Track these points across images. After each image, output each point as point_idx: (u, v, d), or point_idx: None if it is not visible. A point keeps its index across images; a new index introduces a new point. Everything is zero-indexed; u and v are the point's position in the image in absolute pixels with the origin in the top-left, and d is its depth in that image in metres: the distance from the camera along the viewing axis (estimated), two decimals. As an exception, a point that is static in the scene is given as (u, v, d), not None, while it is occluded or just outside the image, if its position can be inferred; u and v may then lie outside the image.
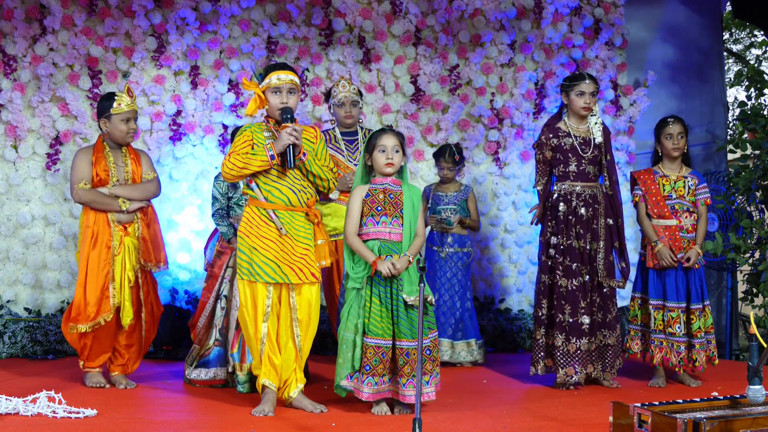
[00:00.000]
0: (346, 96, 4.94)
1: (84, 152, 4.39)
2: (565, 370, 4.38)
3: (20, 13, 5.66)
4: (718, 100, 6.68)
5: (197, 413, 3.86)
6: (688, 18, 6.68)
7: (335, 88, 5.00)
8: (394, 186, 3.86)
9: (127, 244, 4.32)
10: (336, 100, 4.96)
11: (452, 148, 5.45)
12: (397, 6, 6.22)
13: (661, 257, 4.52)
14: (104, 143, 4.41)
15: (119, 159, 4.42)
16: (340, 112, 4.97)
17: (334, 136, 4.98)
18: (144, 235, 4.41)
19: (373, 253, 3.74)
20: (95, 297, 4.22)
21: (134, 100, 4.41)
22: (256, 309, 3.75)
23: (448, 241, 5.36)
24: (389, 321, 3.73)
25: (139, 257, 4.36)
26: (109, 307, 4.24)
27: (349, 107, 4.94)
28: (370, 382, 3.68)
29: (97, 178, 4.33)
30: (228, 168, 3.73)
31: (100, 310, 4.22)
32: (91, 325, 4.21)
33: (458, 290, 5.36)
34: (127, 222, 4.36)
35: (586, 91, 4.50)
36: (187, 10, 5.84)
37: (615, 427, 3.08)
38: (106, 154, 4.37)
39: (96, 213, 4.31)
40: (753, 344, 3.11)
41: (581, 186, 4.52)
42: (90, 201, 4.31)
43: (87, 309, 4.21)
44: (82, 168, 4.33)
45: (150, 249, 4.41)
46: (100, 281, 4.24)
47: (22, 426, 3.37)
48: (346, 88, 4.96)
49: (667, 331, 4.50)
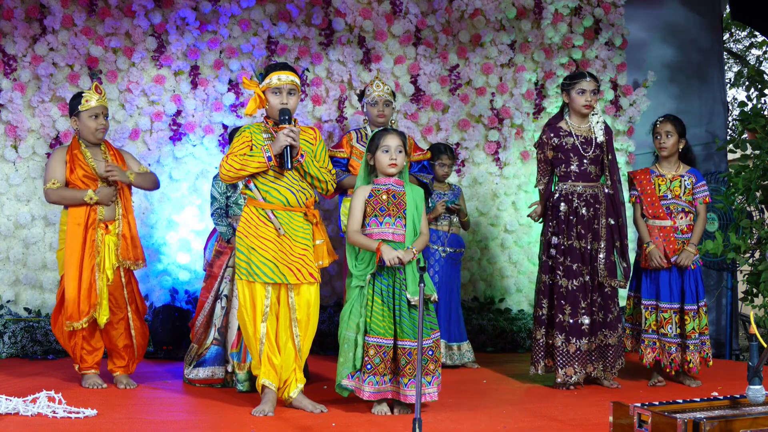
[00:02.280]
0: (380, 95, 5.02)
1: (57, 152, 4.40)
2: (564, 370, 4.38)
3: (20, 12, 5.66)
4: (717, 100, 6.68)
5: (197, 413, 3.86)
6: (687, 18, 6.68)
7: (369, 87, 5.07)
8: (397, 186, 3.86)
9: (108, 242, 4.32)
10: (370, 99, 5.03)
11: (449, 146, 5.46)
12: (397, 6, 6.22)
13: (650, 258, 4.53)
14: (79, 141, 4.41)
15: (98, 156, 4.40)
16: (372, 111, 5.04)
17: (366, 134, 5.06)
18: (125, 232, 4.38)
19: (374, 243, 3.73)
20: (86, 291, 4.23)
21: (103, 97, 4.39)
22: (255, 309, 3.74)
23: (447, 240, 5.32)
24: (391, 320, 3.73)
25: (119, 255, 4.35)
26: (98, 298, 4.25)
27: (382, 106, 5.02)
28: (372, 381, 3.68)
29: (82, 173, 4.30)
30: (226, 169, 3.72)
31: (91, 303, 4.24)
32: (87, 320, 4.23)
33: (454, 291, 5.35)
34: (108, 220, 4.35)
35: (587, 89, 4.50)
36: (187, 10, 5.84)
37: (615, 427, 3.07)
38: (83, 151, 4.36)
39: (78, 211, 4.29)
40: (753, 344, 3.10)
41: (582, 186, 4.52)
42: (59, 199, 4.33)
43: (80, 305, 4.22)
44: (53, 167, 4.34)
45: (129, 246, 4.39)
46: (87, 277, 4.24)
47: (22, 426, 3.37)
48: (380, 88, 5.03)
49: (659, 332, 4.51)
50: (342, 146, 5.06)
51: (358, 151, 5.03)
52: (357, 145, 5.06)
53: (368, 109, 5.08)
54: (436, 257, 5.29)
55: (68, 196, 4.31)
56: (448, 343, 5.22)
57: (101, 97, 4.38)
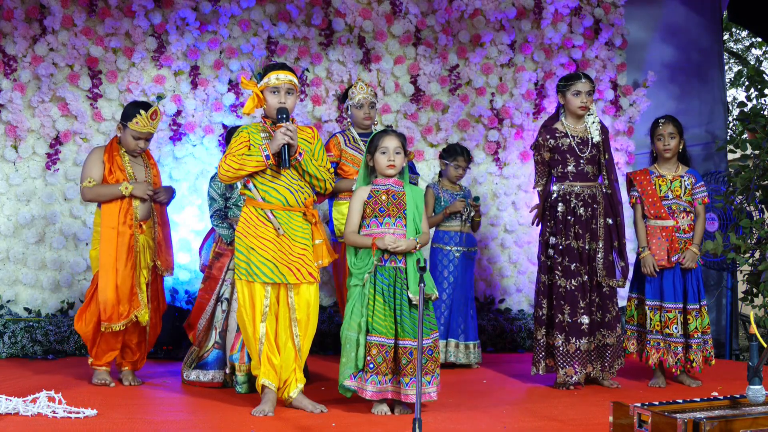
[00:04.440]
0: (365, 98, 5.00)
1: (96, 152, 4.43)
2: (565, 370, 4.38)
3: (20, 13, 5.66)
4: (717, 100, 6.68)
5: (197, 413, 3.86)
6: (687, 18, 6.68)
7: (352, 90, 5.03)
8: (396, 187, 3.86)
9: (142, 242, 4.36)
10: (355, 102, 5.00)
11: (465, 149, 5.44)
12: (397, 6, 6.22)
13: (643, 264, 4.53)
14: (119, 145, 4.44)
15: (137, 160, 4.47)
16: (359, 114, 5.01)
17: (353, 137, 5.03)
18: (159, 239, 4.48)
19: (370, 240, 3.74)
20: (126, 294, 4.26)
21: (156, 123, 4.40)
22: (254, 309, 3.74)
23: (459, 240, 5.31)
24: (392, 319, 3.73)
25: (153, 256, 4.42)
26: (139, 303, 4.30)
27: (367, 108, 5.01)
28: (374, 380, 3.67)
29: (112, 177, 4.33)
30: (224, 169, 3.73)
31: (132, 307, 4.28)
32: (125, 322, 4.26)
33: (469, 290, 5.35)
34: (143, 219, 4.39)
35: (582, 90, 4.50)
36: (187, 11, 5.84)
37: (615, 427, 3.08)
38: (122, 154, 4.41)
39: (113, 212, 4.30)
40: (753, 344, 3.11)
41: (580, 186, 4.52)
42: (95, 196, 4.35)
43: (120, 307, 4.25)
44: (90, 167, 4.37)
45: (164, 251, 4.49)
46: (128, 278, 4.27)
47: (22, 426, 3.37)
48: (364, 90, 5.00)
49: (664, 332, 4.50)
50: (330, 149, 4.99)
51: (348, 155, 4.99)
52: (347, 149, 5.00)
53: (353, 111, 5.05)
54: (449, 258, 5.27)
55: (104, 192, 4.32)
56: (466, 342, 5.22)
57: (152, 124, 4.37)
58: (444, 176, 5.40)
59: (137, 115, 4.32)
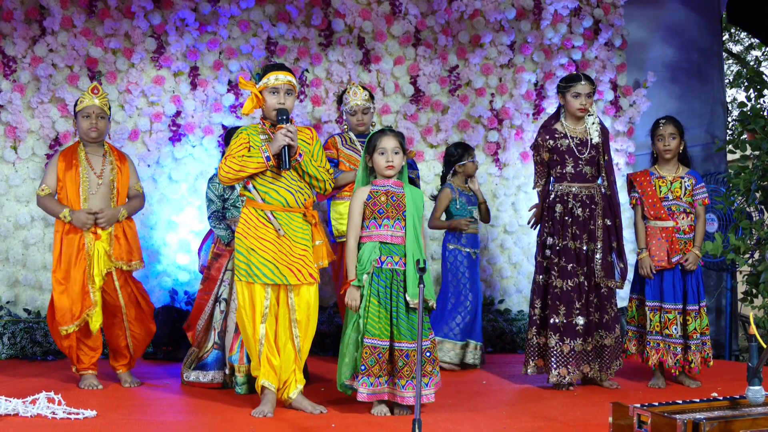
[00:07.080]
0: (358, 104, 5.01)
1: (54, 156, 4.43)
2: (558, 370, 4.37)
3: (20, 14, 5.66)
4: (717, 100, 6.68)
5: (196, 414, 3.86)
6: (687, 18, 6.69)
7: (347, 95, 5.04)
8: (396, 188, 3.86)
9: (97, 248, 4.31)
10: (348, 108, 5.03)
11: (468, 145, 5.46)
12: (397, 7, 6.22)
13: (641, 266, 4.54)
14: (81, 145, 4.42)
15: (97, 164, 4.40)
16: (352, 120, 5.06)
17: (350, 138, 5.06)
18: (117, 233, 4.39)
19: (354, 273, 3.76)
20: (77, 294, 4.24)
21: (99, 97, 4.38)
22: (254, 310, 3.74)
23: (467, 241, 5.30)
24: (387, 322, 3.72)
25: (111, 257, 4.34)
26: (91, 302, 4.26)
27: (360, 115, 5.04)
28: (366, 382, 3.67)
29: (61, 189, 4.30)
30: (225, 171, 3.72)
31: (84, 306, 4.25)
32: (78, 324, 4.24)
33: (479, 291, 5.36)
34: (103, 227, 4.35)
35: (581, 92, 4.50)
36: (186, 11, 5.84)
37: (615, 428, 3.07)
38: (81, 160, 4.35)
39: None
40: (753, 345, 3.11)
41: (578, 187, 4.51)
42: (43, 207, 4.41)
43: (72, 308, 4.24)
44: (47, 173, 4.39)
45: (123, 247, 4.39)
46: (78, 281, 4.25)
47: (21, 427, 3.37)
48: (358, 96, 5.01)
49: (663, 333, 4.50)
50: (329, 147, 5.04)
51: (345, 155, 5.02)
52: (344, 149, 5.05)
53: (347, 117, 5.09)
54: (459, 259, 5.27)
55: (49, 207, 4.36)
56: (478, 342, 5.22)
57: (96, 98, 4.37)
58: (458, 174, 5.35)
59: (79, 97, 4.38)
